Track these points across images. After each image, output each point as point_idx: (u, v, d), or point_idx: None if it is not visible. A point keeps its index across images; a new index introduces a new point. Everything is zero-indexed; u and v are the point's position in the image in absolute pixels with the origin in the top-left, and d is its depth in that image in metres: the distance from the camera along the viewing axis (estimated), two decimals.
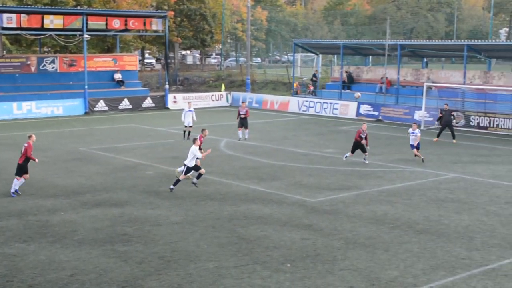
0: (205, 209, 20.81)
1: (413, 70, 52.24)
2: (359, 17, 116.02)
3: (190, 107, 36.33)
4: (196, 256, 16.08)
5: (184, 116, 36.14)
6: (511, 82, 44.12)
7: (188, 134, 35.67)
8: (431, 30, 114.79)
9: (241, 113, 35.71)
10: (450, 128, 35.82)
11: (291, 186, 24.23)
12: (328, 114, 49.47)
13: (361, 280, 14.57)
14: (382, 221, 19.50)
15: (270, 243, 17.19)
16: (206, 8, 78.10)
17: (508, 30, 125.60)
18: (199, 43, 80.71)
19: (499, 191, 23.56)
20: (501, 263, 15.72)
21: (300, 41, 62.44)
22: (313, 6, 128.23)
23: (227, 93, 58.66)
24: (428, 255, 16.26)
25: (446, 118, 35.82)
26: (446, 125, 35.82)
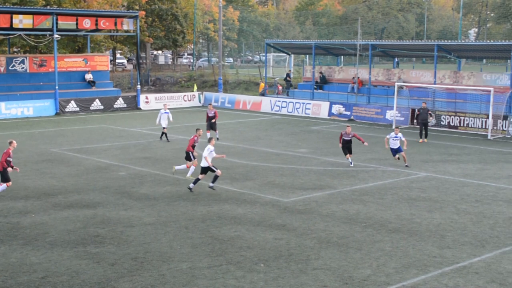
0: (178, 209, 20.73)
1: (384, 70, 52.60)
2: (331, 17, 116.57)
3: (166, 109, 36.00)
4: (169, 257, 16.02)
5: (160, 118, 35.77)
6: (481, 82, 44.65)
7: (165, 136, 35.34)
8: (402, 30, 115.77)
9: (209, 114, 35.45)
10: (425, 127, 36.09)
11: (264, 186, 24.25)
12: (300, 114, 49.63)
13: (334, 279, 14.63)
14: (355, 220, 19.61)
15: (244, 243, 17.19)
16: (177, 8, 77.85)
17: (477, 31, 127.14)
18: (171, 43, 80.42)
19: (469, 190, 23.83)
20: (471, 261, 15.90)
21: (272, 41, 62.54)
22: (285, 6, 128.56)
23: (200, 93, 58.55)
24: (400, 254, 16.39)
25: (423, 117, 36.09)
26: (423, 123, 36.08)
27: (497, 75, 45.56)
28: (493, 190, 23.84)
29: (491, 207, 21.23)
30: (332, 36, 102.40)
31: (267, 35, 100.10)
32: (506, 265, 15.57)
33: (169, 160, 29.69)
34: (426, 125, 36.25)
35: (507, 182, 25.25)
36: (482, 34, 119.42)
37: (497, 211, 20.72)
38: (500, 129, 38.99)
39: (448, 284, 14.38)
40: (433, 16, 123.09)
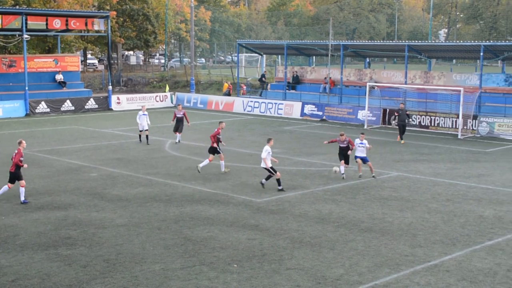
0: (151, 210, 20.64)
1: (356, 70, 52.90)
2: (302, 17, 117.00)
3: (144, 111, 35.27)
4: (142, 259, 15.93)
5: (139, 119, 35.10)
6: (451, 82, 45.12)
7: (146, 138, 34.77)
8: (373, 30, 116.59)
9: (177, 115, 35.02)
10: (403, 128, 36.17)
11: (237, 187, 24.24)
12: (273, 114, 49.71)
13: (307, 279, 14.68)
14: (327, 220, 19.69)
15: (217, 243, 17.16)
16: (149, 8, 77.52)
17: (447, 31, 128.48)
18: (143, 44, 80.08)
19: (440, 189, 24.06)
20: (443, 259, 16.06)
21: (244, 42, 62.55)
22: (257, 7, 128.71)
23: (172, 93, 58.38)
24: (372, 253, 16.49)
25: (402, 118, 36.23)
26: (401, 124, 36.19)
27: (467, 75, 46.08)
28: (463, 189, 24.10)
29: (462, 206, 21.47)
30: (304, 37, 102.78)
31: (239, 36, 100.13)
32: (476, 263, 15.75)
33: (141, 161, 29.55)
34: (405, 126, 36.34)
35: (477, 181, 25.55)
36: (452, 35, 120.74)
37: (467, 210, 20.95)
38: (470, 129, 39.44)
39: (420, 282, 14.51)
40: (403, 17, 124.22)
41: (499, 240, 17.66)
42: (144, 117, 34.58)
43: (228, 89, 58.79)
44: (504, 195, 23.17)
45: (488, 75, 44.89)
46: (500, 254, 16.45)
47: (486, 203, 21.94)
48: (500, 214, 20.49)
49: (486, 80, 43.78)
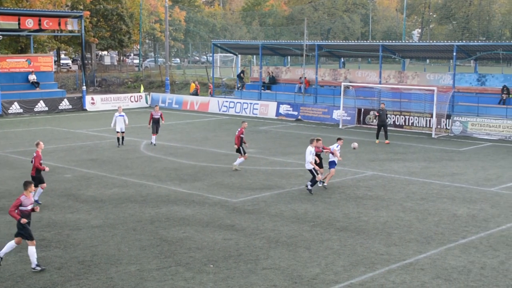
0: (126, 211, 20.52)
1: (330, 70, 53.10)
2: (277, 17, 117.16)
3: (120, 112, 34.74)
4: (117, 260, 15.84)
5: (115, 121, 34.22)
6: (424, 82, 45.49)
7: (122, 140, 34.31)
8: (347, 30, 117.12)
9: (154, 116, 34.64)
10: (384, 128, 36.26)
11: (213, 187, 24.21)
12: (248, 114, 49.69)
13: (283, 278, 14.70)
14: (303, 219, 19.74)
15: (193, 244, 17.12)
16: (123, 8, 77.07)
17: (420, 31, 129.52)
18: (117, 44, 79.59)
19: (415, 188, 24.25)
20: (417, 258, 16.18)
21: (219, 42, 62.48)
22: (231, 7, 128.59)
23: (146, 94, 58.11)
24: (348, 252, 16.57)
25: (382, 118, 36.31)
26: (382, 124, 36.25)
27: (440, 75, 46.50)
28: (437, 187, 24.31)
29: (436, 205, 21.65)
30: (279, 37, 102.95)
31: (214, 36, 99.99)
32: (450, 261, 15.89)
33: (116, 161, 29.37)
34: (386, 126, 36.40)
35: (451, 179, 25.78)
36: (425, 35, 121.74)
37: (441, 208, 21.14)
38: (444, 128, 39.79)
39: (395, 280, 14.60)
40: (377, 17, 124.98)
41: (472, 238, 17.84)
42: (121, 118, 34.01)
43: (195, 89, 58.76)
44: (477, 193, 23.41)
45: (461, 75, 45.35)
46: (473, 252, 16.62)
47: (460, 201, 22.16)
48: (474, 212, 20.70)
49: (459, 79, 44.22)
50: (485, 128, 38.09)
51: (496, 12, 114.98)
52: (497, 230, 18.66)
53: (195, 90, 58.60)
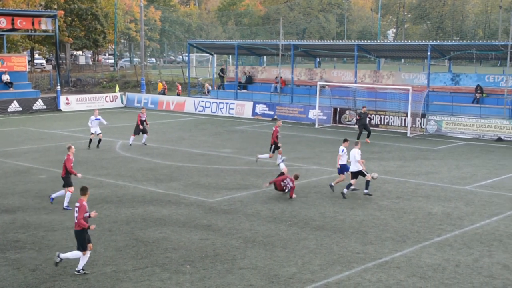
0: (101, 212, 20.37)
1: (306, 69, 53.24)
2: (253, 17, 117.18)
3: (96, 115, 34.35)
4: (93, 261, 15.72)
5: (91, 124, 33.85)
6: (399, 81, 45.80)
7: (99, 142, 33.94)
8: (323, 30, 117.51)
9: (141, 118, 34.18)
10: (366, 129, 36.46)
11: (189, 187, 24.14)
12: (224, 114, 49.64)
13: (260, 278, 14.70)
14: (279, 219, 19.76)
15: (169, 244, 17.06)
16: (97, 8, 76.57)
17: (395, 31, 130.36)
18: (92, 44, 79.05)
19: (391, 186, 24.39)
20: (393, 256, 16.28)
21: (194, 42, 62.35)
22: (207, 6, 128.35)
23: (122, 94, 57.81)
24: (324, 251, 16.62)
25: (363, 121, 36.47)
26: (363, 127, 36.41)
27: (415, 74, 46.86)
28: (412, 186, 24.48)
29: (411, 203, 21.81)
30: (255, 36, 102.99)
31: (189, 35, 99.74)
32: (426, 259, 16.02)
33: (91, 162, 29.17)
34: (367, 128, 36.60)
35: (426, 178, 25.98)
36: (400, 35, 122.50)
37: (417, 207, 21.29)
38: (419, 127, 40.08)
39: (371, 279, 14.68)
40: (353, 17, 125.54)
41: (447, 236, 18.00)
42: (96, 121, 33.57)
43: (163, 89, 58.71)
44: (452, 192, 23.62)
45: (436, 74, 45.75)
46: (448, 250, 16.76)
47: (435, 200, 22.34)
48: (448, 210, 20.89)
49: (433, 79, 44.60)
50: (459, 127, 38.45)
51: (470, 12, 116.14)
52: (471, 228, 18.85)
53: (163, 89, 58.57)
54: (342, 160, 23.48)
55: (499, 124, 37.25)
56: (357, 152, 22.63)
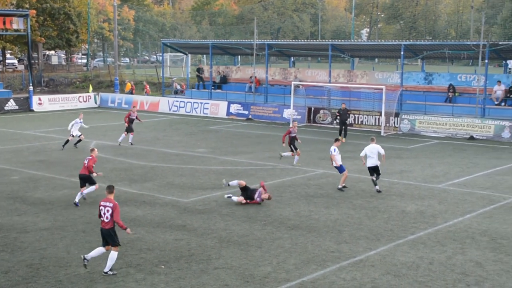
0: (75, 213, 20.23)
1: (281, 69, 53.34)
2: (227, 17, 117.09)
3: (81, 119, 34.23)
4: (66, 262, 15.60)
5: (72, 126, 33.43)
6: (373, 81, 46.08)
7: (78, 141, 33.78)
8: (297, 30, 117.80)
9: (131, 117, 34.21)
10: (344, 127, 36.75)
11: (164, 187, 24.05)
12: (198, 114, 49.53)
13: (235, 278, 14.69)
14: (254, 218, 19.76)
15: (144, 245, 16.98)
16: (70, 7, 75.86)
17: (368, 31, 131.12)
18: (64, 43, 78.31)
19: (364, 185, 24.52)
20: (368, 254, 16.37)
21: (168, 41, 62.11)
22: (181, 6, 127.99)
23: (95, 94, 57.41)
24: (299, 250, 16.66)
25: (343, 118, 36.79)
26: (343, 123, 36.76)
27: (389, 73, 47.17)
28: (386, 185, 24.63)
29: (385, 202, 21.95)
30: (229, 36, 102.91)
31: (163, 35, 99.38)
32: (399, 257, 16.13)
33: (65, 162, 28.93)
34: (346, 125, 36.91)
35: (399, 177, 26.16)
36: (373, 34, 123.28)
37: (390, 205, 21.43)
38: (392, 126, 40.36)
39: (346, 278, 14.74)
40: (327, 17, 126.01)
41: (421, 234, 18.14)
42: (79, 124, 33.47)
43: (130, 89, 58.53)
44: (425, 190, 23.82)
45: (409, 74, 46.10)
46: (422, 248, 16.90)
47: (408, 198, 22.51)
48: (422, 208, 21.05)
49: (406, 78, 44.94)
50: (432, 126, 38.77)
51: (442, 12, 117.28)
52: (444, 226, 19.02)
53: (130, 89, 58.40)
54: (338, 159, 23.83)
55: (471, 123, 37.64)
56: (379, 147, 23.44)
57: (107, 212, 14.71)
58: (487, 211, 20.84)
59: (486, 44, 39.58)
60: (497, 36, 78.55)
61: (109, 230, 14.82)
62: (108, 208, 14.67)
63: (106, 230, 14.85)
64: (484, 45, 39.23)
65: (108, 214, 14.68)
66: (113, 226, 14.79)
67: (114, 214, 14.60)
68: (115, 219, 14.66)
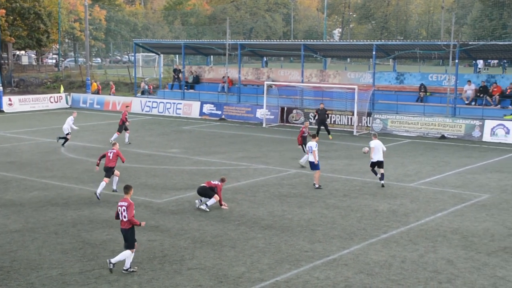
0: (47, 215, 20.03)
1: (253, 69, 53.36)
2: (199, 17, 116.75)
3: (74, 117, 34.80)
4: (38, 264, 15.44)
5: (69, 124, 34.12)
6: (346, 80, 46.31)
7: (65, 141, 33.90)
8: (269, 30, 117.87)
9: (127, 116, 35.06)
10: (324, 126, 37.03)
11: (136, 188, 23.84)
12: (171, 114, 49.33)
13: (209, 278, 14.66)
14: (228, 218, 19.74)
15: (117, 246, 16.85)
16: (40, 7, 75.09)
17: (341, 31, 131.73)
18: (35, 43, 77.50)
19: (338, 185, 24.63)
20: (341, 253, 16.44)
21: (140, 41, 61.76)
22: (153, 6, 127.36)
23: (67, 94, 56.90)
24: (273, 250, 16.67)
25: (321, 117, 37.02)
26: (321, 123, 36.97)
27: (361, 73, 47.44)
28: (359, 184, 24.78)
29: (358, 201, 22.06)
30: (202, 36, 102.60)
31: (135, 35, 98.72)
32: (372, 256, 16.22)
33: (36, 164, 28.62)
34: (326, 124, 37.18)
35: (372, 176, 26.26)
36: (345, 34, 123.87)
37: (363, 205, 21.55)
38: (365, 126, 40.61)
39: (320, 277, 14.79)
40: (299, 17, 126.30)
41: (393, 233, 18.27)
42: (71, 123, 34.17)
43: (97, 89, 58.26)
44: (397, 189, 24.00)
45: (381, 73, 46.42)
46: (394, 246, 17.02)
47: (381, 197, 22.66)
48: (394, 207, 21.21)
49: (378, 78, 45.24)
50: (404, 125, 39.08)
51: (413, 12, 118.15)
52: (416, 224, 19.18)
53: (96, 90, 58.17)
54: (317, 155, 24.13)
55: (442, 122, 38.01)
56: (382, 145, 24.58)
57: (123, 211, 14.96)
58: (458, 209, 21.07)
59: (456, 44, 40.01)
60: (467, 36, 79.43)
61: (126, 230, 15.04)
62: (124, 208, 14.93)
63: (123, 230, 15.10)
64: (454, 45, 39.67)
65: (124, 213, 14.93)
66: (131, 226, 15.01)
67: (127, 212, 14.86)
68: (128, 217, 14.88)
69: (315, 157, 24.03)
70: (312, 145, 24.28)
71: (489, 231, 18.50)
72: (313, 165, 24.24)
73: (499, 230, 18.67)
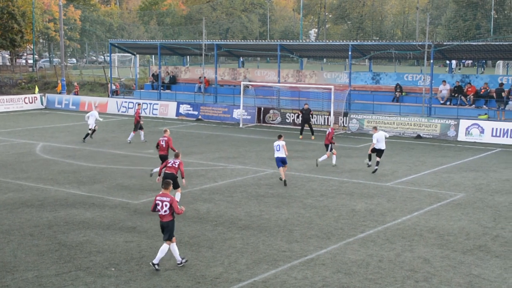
0: (22, 216, 19.83)
1: (230, 69, 53.31)
2: (175, 17, 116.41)
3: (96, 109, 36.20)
4: (13, 267, 15.28)
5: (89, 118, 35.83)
6: (322, 80, 46.45)
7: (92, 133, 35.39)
8: (246, 30, 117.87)
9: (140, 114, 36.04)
10: (309, 126, 37.24)
11: (113, 189, 23.77)
12: (148, 115, 49.10)
13: (187, 279, 14.62)
14: (205, 219, 19.71)
15: (93, 247, 16.75)
16: (14, 7, 74.32)
17: (317, 31, 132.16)
18: (8, 43, 76.68)
19: (315, 185, 24.70)
20: (318, 253, 16.49)
21: (116, 41, 61.38)
22: (128, 6, 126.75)
23: (42, 95, 56.41)
24: (251, 250, 16.67)
25: (305, 117, 37.27)
26: (305, 123, 37.25)
27: (337, 73, 47.61)
28: (336, 184, 24.87)
29: (335, 201, 22.14)
30: (178, 36, 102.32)
31: (111, 35, 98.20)
32: (350, 255, 16.29)
33: (10, 165, 28.33)
34: (310, 124, 37.40)
35: (349, 176, 26.44)
36: (321, 35, 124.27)
37: (340, 204, 21.64)
38: (341, 125, 40.77)
39: (297, 276, 14.81)
40: (275, 17, 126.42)
41: (370, 232, 18.36)
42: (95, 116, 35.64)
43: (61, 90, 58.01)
44: (374, 188, 24.12)
45: (357, 74, 46.62)
46: (371, 246, 17.10)
47: (358, 197, 22.76)
48: (371, 207, 21.31)
49: (355, 78, 45.45)
50: (380, 125, 39.22)
51: (388, 12, 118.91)
52: (393, 224, 19.30)
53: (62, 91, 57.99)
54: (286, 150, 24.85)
55: (418, 122, 38.29)
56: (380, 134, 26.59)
57: (165, 206, 15.42)
58: (434, 208, 21.24)
59: (431, 44, 40.32)
60: (441, 37, 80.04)
61: (168, 222, 15.49)
62: (166, 203, 15.38)
63: (165, 223, 15.50)
64: (429, 46, 39.97)
65: (166, 208, 15.38)
66: (172, 218, 15.48)
67: (174, 207, 15.39)
68: (177, 211, 15.51)
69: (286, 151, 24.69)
70: (280, 143, 24.65)
71: (464, 230, 18.67)
72: (285, 160, 24.66)
73: (474, 228, 18.86)
